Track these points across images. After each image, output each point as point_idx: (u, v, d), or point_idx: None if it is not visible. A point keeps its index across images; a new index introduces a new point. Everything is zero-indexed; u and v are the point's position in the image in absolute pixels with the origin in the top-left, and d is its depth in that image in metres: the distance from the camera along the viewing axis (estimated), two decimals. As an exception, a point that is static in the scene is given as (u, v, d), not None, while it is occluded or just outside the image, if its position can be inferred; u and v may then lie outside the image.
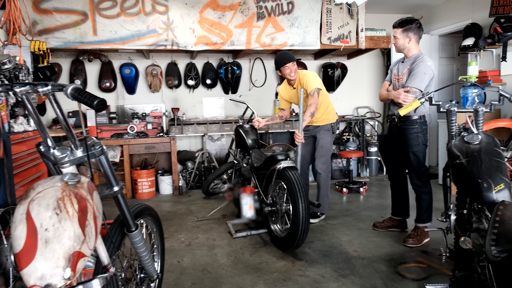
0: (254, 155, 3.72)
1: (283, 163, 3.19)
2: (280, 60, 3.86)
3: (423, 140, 3.30)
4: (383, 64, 6.85)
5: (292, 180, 3.04)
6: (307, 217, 2.99)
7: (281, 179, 3.17)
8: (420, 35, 3.28)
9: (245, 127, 4.04)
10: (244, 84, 6.25)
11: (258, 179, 3.60)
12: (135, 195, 5.38)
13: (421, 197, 3.35)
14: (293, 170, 3.12)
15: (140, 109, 5.81)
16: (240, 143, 4.05)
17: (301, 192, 2.99)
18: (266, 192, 3.37)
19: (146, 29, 4.54)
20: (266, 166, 3.35)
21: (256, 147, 3.91)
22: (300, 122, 3.64)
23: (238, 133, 4.04)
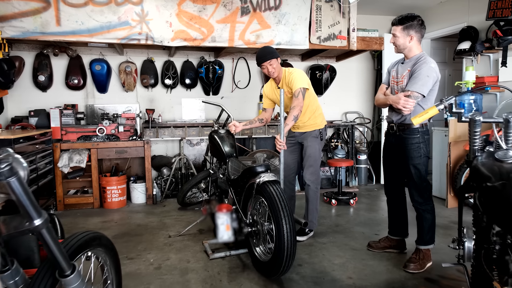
0: (231, 165, 3.25)
1: (263, 176, 2.73)
2: (260, 55, 3.47)
3: (425, 151, 2.94)
4: (373, 67, 6.52)
5: (274, 197, 2.60)
6: (293, 239, 2.57)
7: (261, 195, 2.74)
8: (422, 33, 2.92)
9: (221, 132, 3.57)
10: (226, 85, 5.81)
11: (236, 193, 3.14)
12: (104, 204, 4.88)
13: (422, 215, 2.97)
14: (275, 185, 2.68)
15: (111, 109, 5.31)
16: (216, 151, 3.57)
17: (285, 211, 2.57)
18: (246, 208, 2.93)
19: (117, 20, 4.07)
20: (244, 179, 2.90)
21: (234, 155, 3.45)
22: (281, 127, 3.23)
23: (213, 139, 3.57)
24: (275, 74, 3.52)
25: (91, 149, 4.78)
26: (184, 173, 5.33)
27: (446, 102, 1.95)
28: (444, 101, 1.96)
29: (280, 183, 2.95)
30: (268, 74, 3.55)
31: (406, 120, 2.93)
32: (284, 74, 3.56)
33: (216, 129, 3.68)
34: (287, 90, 3.55)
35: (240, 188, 2.98)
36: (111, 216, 4.55)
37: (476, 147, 1.88)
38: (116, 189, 4.87)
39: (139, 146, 4.94)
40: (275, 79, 3.63)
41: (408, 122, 2.92)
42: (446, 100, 1.96)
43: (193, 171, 5.28)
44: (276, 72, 3.53)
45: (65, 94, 5.20)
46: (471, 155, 1.90)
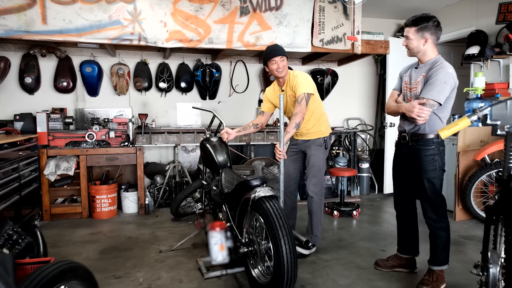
0: (224, 177, 2.97)
1: (259, 191, 2.46)
2: (268, 52, 3.25)
3: (440, 164, 2.70)
4: (376, 72, 6.30)
5: (271, 214, 2.34)
6: (293, 261, 2.31)
7: (257, 212, 2.48)
8: (438, 35, 2.69)
9: (213, 141, 3.29)
10: (223, 89, 5.56)
11: (230, 207, 2.86)
12: (93, 214, 4.60)
13: (436, 233, 2.73)
14: (272, 201, 2.42)
15: (103, 113, 5.04)
16: (208, 161, 3.29)
17: (284, 229, 2.31)
18: (242, 225, 2.66)
19: (108, 19, 3.81)
20: (239, 193, 2.64)
21: (228, 166, 3.17)
22: (281, 134, 2.98)
23: (204, 148, 3.28)
24: (283, 72, 3.28)
25: (80, 155, 4.51)
26: (179, 181, 5.07)
27: (480, 113, 1.71)
28: (478, 111, 1.72)
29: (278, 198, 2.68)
30: (276, 72, 3.27)
31: (420, 129, 2.69)
32: (289, 77, 3.33)
33: (207, 137, 3.40)
34: (291, 93, 3.31)
35: (235, 202, 2.71)
36: (100, 227, 4.28)
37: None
38: (106, 198, 4.59)
39: (131, 153, 4.67)
40: (280, 81, 3.38)
41: (422, 132, 2.69)
42: (480, 110, 1.72)
43: (188, 179, 5.02)
44: (285, 71, 3.29)
45: (53, 97, 4.93)
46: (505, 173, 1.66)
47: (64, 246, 3.64)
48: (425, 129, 2.67)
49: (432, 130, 2.67)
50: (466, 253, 3.46)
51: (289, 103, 3.39)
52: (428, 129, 2.67)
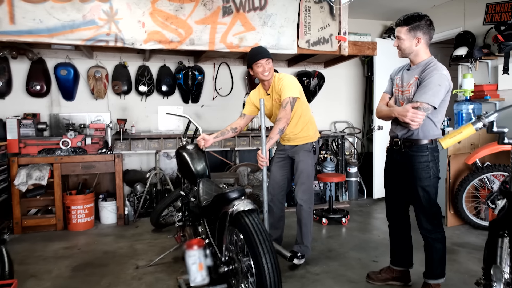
0: (202, 188, 2.74)
1: (237, 204, 2.25)
2: (253, 54, 3.10)
3: (435, 171, 2.55)
4: (363, 74, 6.18)
5: (250, 230, 2.13)
6: (277, 280, 2.10)
7: (236, 227, 2.29)
8: (431, 35, 2.54)
9: (189, 148, 3.05)
10: (207, 92, 5.36)
11: (209, 221, 2.65)
12: (68, 226, 4.33)
13: (432, 245, 2.58)
14: (252, 215, 2.21)
15: (79, 119, 4.78)
16: (185, 171, 3.04)
17: (265, 246, 2.10)
18: (221, 242, 2.45)
19: (81, 19, 3.57)
20: (217, 206, 2.44)
21: (206, 175, 2.94)
22: (263, 140, 2.82)
23: (181, 157, 3.04)
24: (269, 75, 3.13)
25: (54, 164, 4.24)
26: (160, 189, 4.83)
27: (486, 120, 1.55)
28: (483, 117, 1.56)
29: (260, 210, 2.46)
30: (261, 76, 3.12)
31: (414, 135, 2.54)
32: (274, 80, 3.17)
33: (183, 144, 3.17)
34: (276, 97, 3.13)
35: (214, 216, 2.51)
36: (76, 240, 4.02)
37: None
38: (82, 208, 4.33)
39: (109, 160, 4.43)
40: (265, 84, 3.22)
41: (416, 138, 2.53)
42: (485, 116, 1.56)
43: (170, 187, 4.79)
44: (270, 74, 3.14)
45: (26, 101, 4.65)
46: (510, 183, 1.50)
47: (34, 263, 3.37)
48: (419, 135, 2.52)
49: (426, 135, 2.52)
50: (460, 262, 3.33)
51: (275, 107, 3.22)
52: (422, 134, 2.52)
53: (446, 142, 1.68)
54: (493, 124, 1.53)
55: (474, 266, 3.24)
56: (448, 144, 1.68)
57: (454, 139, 1.65)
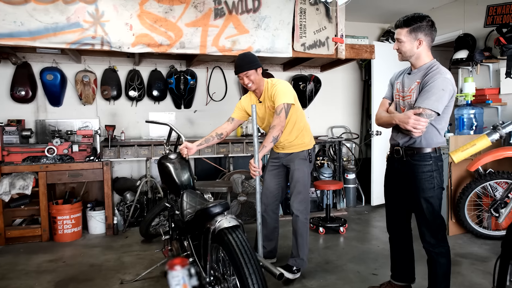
0: (185, 201, 2.56)
1: (220, 220, 2.08)
2: (236, 64, 2.98)
3: (439, 181, 2.40)
4: (360, 78, 6.03)
5: (234, 249, 1.96)
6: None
7: (219, 244, 2.11)
8: (433, 37, 2.39)
9: (172, 158, 2.86)
10: (199, 97, 5.19)
11: (194, 237, 2.47)
12: (54, 237, 4.15)
13: (436, 261, 2.42)
14: (236, 232, 2.05)
15: (67, 125, 4.61)
16: (168, 182, 2.84)
17: (251, 266, 1.92)
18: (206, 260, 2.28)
19: (65, 21, 3.41)
20: (200, 222, 2.27)
21: (190, 186, 2.76)
22: (255, 148, 2.68)
23: (163, 167, 2.85)
24: (253, 87, 3.01)
25: (39, 172, 4.06)
26: (151, 197, 4.66)
27: (503, 130, 1.39)
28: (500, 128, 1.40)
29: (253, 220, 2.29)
30: (246, 87, 3.01)
31: (416, 143, 2.38)
32: (267, 86, 3.02)
33: (166, 153, 2.97)
34: (270, 104, 2.98)
35: (198, 231, 2.34)
36: (61, 252, 3.84)
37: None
38: (69, 218, 4.15)
39: (97, 168, 4.25)
40: (256, 92, 3.09)
41: (418, 146, 2.38)
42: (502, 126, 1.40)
43: (161, 195, 4.62)
44: (255, 85, 3.01)
45: (10, 107, 4.47)
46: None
47: (15, 278, 3.19)
48: (422, 143, 2.37)
49: (429, 143, 2.37)
50: (464, 274, 3.17)
51: (268, 115, 3.07)
52: (424, 142, 2.37)
53: (457, 156, 1.53)
54: (510, 135, 1.36)
55: (479, 278, 3.09)
56: (460, 158, 1.53)
57: (467, 152, 1.50)
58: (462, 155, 1.50)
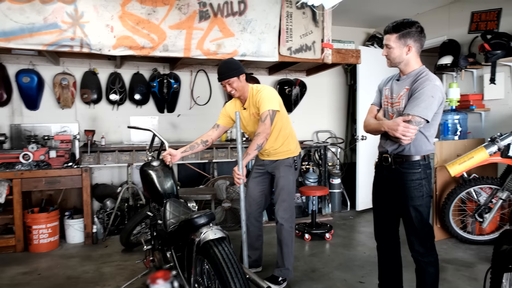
0: (169, 210, 2.45)
1: (205, 232, 1.99)
2: (219, 72, 2.91)
3: (428, 190, 2.35)
4: (345, 82, 6.02)
5: (220, 263, 1.88)
6: None
7: (205, 257, 2.02)
8: (422, 43, 2.36)
9: (154, 165, 2.75)
10: (183, 101, 5.08)
11: (177, 248, 2.37)
12: (29, 247, 3.97)
13: (425, 270, 2.38)
14: (221, 244, 1.97)
15: (44, 130, 4.43)
16: (150, 190, 2.73)
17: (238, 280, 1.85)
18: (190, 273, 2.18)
19: (42, 22, 3.26)
20: (183, 233, 2.18)
21: (174, 194, 2.66)
22: (239, 155, 2.62)
23: (145, 175, 2.74)
24: (236, 94, 2.94)
25: (14, 179, 3.87)
26: (133, 204, 4.51)
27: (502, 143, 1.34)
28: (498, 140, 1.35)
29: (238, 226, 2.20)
30: (229, 93, 2.94)
31: (405, 150, 2.33)
32: (251, 93, 2.95)
33: (148, 160, 2.86)
34: (255, 111, 2.91)
35: (182, 242, 2.24)
36: (37, 263, 3.66)
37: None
38: (45, 228, 3.98)
39: (76, 175, 4.09)
40: (240, 99, 3.02)
41: (407, 153, 2.33)
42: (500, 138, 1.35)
43: (143, 202, 4.48)
44: (239, 92, 2.94)
45: (-17, 112, 4.28)
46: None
47: (-14, 293, 3.02)
48: (411, 150, 2.32)
49: (418, 151, 2.32)
50: (450, 281, 3.15)
51: (253, 122, 3.01)
52: (413, 149, 2.32)
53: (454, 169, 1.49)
54: (509, 147, 1.32)
55: (465, 285, 3.08)
56: (457, 172, 1.48)
57: (465, 165, 1.45)
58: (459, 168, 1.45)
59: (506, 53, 3.98)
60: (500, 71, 4.19)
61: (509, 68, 4.14)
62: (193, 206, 3.20)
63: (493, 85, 4.23)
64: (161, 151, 3.01)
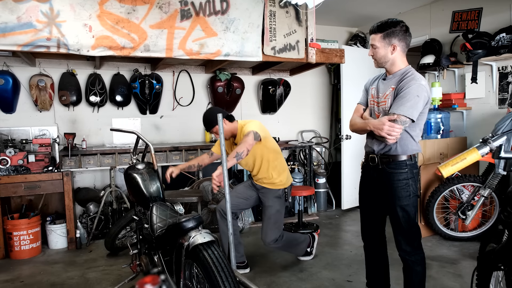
0: (155, 214, 2.40)
1: (194, 236, 1.97)
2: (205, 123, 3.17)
3: (414, 189, 2.36)
4: (329, 82, 6.03)
5: (210, 266, 1.85)
6: None
7: (194, 261, 1.98)
8: (407, 42, 2.35)
9: (139, 168, 2.70)
10: (166, 102, 5.00)
11: (165, 253, 2.33)
12: (10, 254, 3.85)
13: (412, 268, 2.39)
14: (211, 248, 1.93)
15: (21, 134, 4.29)
16: (136, 193, 2.67)
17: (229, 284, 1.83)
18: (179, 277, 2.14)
19: (16, 21, 3.13)
20: (171, 237, 2.13)
21: (160, 197, 2.60)
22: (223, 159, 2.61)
23: (130, 178, 2.67)
24: (228, 135, 3.19)
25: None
26: (116, 208, 4.41)
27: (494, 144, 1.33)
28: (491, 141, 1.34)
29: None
30: None
31: (391, 150, 2.33)
32: (240, 128, 3.16)
33: (133, 163, 2.80)
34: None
35: (169, 246, 2.20)
36: (18, 270, 3.55)
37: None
38: (26, 234, 3.87)
39: (57, 179, 3.98)
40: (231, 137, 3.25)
41: (394, 153, 2.33)
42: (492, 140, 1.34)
43: (128, 205, 4.39)
44: (229, 134, 3.19)
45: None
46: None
47: (-36, 304, 2.90)
48: (397, 150, 2.32)
49: (404, 150, 2.32)
50: (435, 278, 3.18)
51: None
52: (400, 149, 2.32)
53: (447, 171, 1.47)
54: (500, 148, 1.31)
55: (450, 282, 3.11)
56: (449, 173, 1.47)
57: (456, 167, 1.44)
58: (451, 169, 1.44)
59: (487, 53, 4.04)
60: (481, 70, 4.26)
61: (490, 67, 4.21)
62: (180, 209, 3.15)
63: (474, 84, 4.29)
64: (145, 154, 2.94)
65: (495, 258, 1.52)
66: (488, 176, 3.63)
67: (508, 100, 4.10)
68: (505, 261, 1.45)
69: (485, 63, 4.20)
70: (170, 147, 4.48)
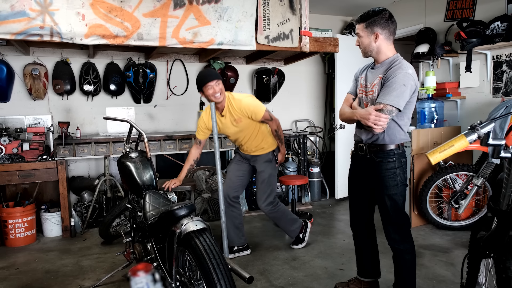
0: (148, 202, 2.42)
1: (186, 223, 1.98)
2: (201, 77, 3.11)
3: (402, 178, 2.38)
4: (323, 71, 6.02)
5: (202, 254, 1.87)
6: None
7: (186, 248, 2.01)
8: (391, 29, 2.34)
9: (133, 157, 2.70)
10: (160, 91, 4.99)
11: (157, 240, 2.35)
12: (6, 242, 3.89)
13: (401, 257, 2.42)
14: (203, 235, 1.95)
15: (16, 122, 4.30)
16: (129, 182, 2.68)
17: (220, 271, 1.84)
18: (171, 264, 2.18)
19: (9, 10, 3.12)
20: (164, 225, 2.16)
21: (153, 186, 2.62)
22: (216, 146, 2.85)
23: (124, 167, 2.68)
24: (221, 97, 3.11)
25: (-15, 173, 3.76)
26: (111, 196, 4.45)
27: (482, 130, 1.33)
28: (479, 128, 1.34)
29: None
30: (212, 98, 3.07)
31: (379, 140, 2.35)
32: (229, 101, 3.14)
33: (126, 152, 2.81)
34: (237, 118, 3.18)
35: (162, 234, 2.22)
36: (14, 258, 3.59)
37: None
38: (21, 222, 3.90)
39: (51, 168, 4.00)
40: (218, 106, 3.16)
41: (382, 143, 2.35)
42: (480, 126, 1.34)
43: (122, 194, 4.42)
44: (222, 96, 3.11)
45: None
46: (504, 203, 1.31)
47: (-40, 291, 2.94)
48: (385, 139, 2.34)
49: (392, 140, 2.34)
50: (428, 266, 3.22)
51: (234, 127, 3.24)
52: (388, 138, 2.34)
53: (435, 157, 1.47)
54: (489, 135, 1.32)
55: (442, 270, 3.15)
56: (438, 159, 1.47)
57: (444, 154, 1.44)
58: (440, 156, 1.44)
59: (481, 41, 4.03)
60: (476, 59, 4.26)
61: (485, 56, 4.21)
62: (173, 197, 3.18)
63: (468, 73, 4.30)
64: (139, 142, 2.96)
65: (484, 245, 1.55)
66: (482, 165, 3.67)
67: (502, 89, 4.12)
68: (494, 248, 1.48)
69: (480, 52, 4.20)
70: (164, 136, 4.49)
